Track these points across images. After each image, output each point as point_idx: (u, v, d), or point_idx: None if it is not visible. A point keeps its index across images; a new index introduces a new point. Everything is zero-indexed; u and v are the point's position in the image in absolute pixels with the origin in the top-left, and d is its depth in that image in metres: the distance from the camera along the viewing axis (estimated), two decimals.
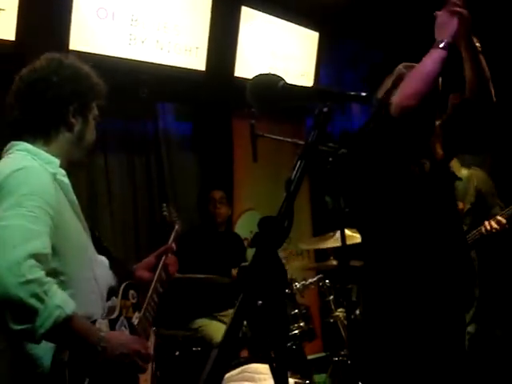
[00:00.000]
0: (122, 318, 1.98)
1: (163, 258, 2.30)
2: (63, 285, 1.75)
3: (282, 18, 5.02)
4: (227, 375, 2.88)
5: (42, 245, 1.65)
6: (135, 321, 2.04)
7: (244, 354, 3.61)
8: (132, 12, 3.97)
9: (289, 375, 2.70)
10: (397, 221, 2.40)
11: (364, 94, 1.25)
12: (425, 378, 2.34)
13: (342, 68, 5.80)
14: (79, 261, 1.86)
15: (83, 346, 1.72)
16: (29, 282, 1.56)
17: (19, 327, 1.57)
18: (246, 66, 4.71)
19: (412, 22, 4.90)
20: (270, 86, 1.30)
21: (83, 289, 1.85)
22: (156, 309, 2.18)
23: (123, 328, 1.97)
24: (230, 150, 4.99)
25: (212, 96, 4.70)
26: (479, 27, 2.30)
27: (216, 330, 4.01)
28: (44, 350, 1.73)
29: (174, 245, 2.43)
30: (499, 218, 3.42)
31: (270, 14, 4.92)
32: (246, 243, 4.75)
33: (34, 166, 1.79)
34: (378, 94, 2.44)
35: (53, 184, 1.80)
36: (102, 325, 1.87)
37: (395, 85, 2.44)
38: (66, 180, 1.89)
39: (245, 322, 1.00)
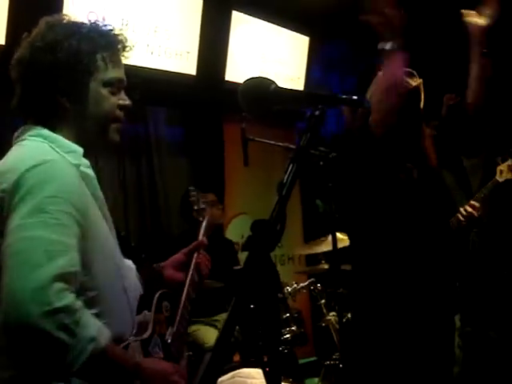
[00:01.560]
0: (155, 336, 1.70)
1: (195, 255, 1.94)
2: (91, 302, 1.46)
3: (272, 23, 5.03)
4: (218, 380, 2.86)
5: (70, 261, 1.38)
6: (169, 338, 1.75)
7: (235, 358, 3.59)
8: (122, 16, 3.97)
9: None
10: (384, 225, 2.41)
11: (356, 97, 1.25)
12: (415, 380, 2.34)
13: (333, 72, 5.82)
14: (108, 271, 1.55)
15: (118, 379, 1.44)
16: (56, 311, 1.29)
17: (47, 365, 1.33)
18: (237, 71, 4.72)
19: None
20: (261, 90, 1.29)
21: (113, 304, 1.55)
22: (189, 318, 1.87)
23: (157, 349, 1.69)
24: (220, 154, 4.99)
25: (203, 100, 4.70)
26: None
27: (207, 334, 3.99)
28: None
29: (205, 239, 2.06)
30: (472, 202, 3.42)
31: (261, 18, 4.92)
32: (237, 248, 4.73)
33: (56, 160, 1.47)
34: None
35: (78, 180, 1.50)
36: (135, 348, 1.59)
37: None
38: (90, 172, 1.59)
39: (236, 327, 0.99)
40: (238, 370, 2.92)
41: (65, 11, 3.61)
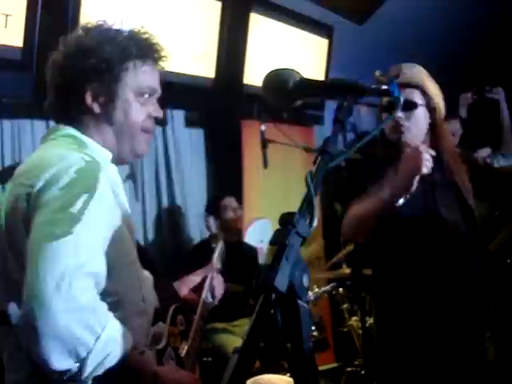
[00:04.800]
0: (169, 348, 1.69)
1: (209, 278, 1.99)
2: (111, 307, 1.41)
3: (291, 25, 4.98)
4: None
5: (100, 262, 1.36)
6: (182, 352, 1.76)
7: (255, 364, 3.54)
8: (140, 19, 3.94)
9: None
10: (406, 228, 2.35)
11: (386, 86, 1.20)
12: None
13: (352, 74, 5.77)
14: (129, 278, 1.53)
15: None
16: (82, 308, 1.27)
17: (63, 366, 1.27)
18: (255, 73, 4.67)
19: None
20: (287, 80, 1.25)
21: (132, 312, 1.52)
22: (202, 337, 1.94)
23: (170, 360, 1.69)
24: (239, 157, 4.95)
25: (222, 103, 4.67)
26: None
27: (227, 340, 3.94)
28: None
29: (218, 263, 2.12)
30: None
31: (279, 20, 4.88)
32: (260, 251, 4.66)
33: (90, 161, 1.46)
34: None
35: (108, 184, 1.48)
36: (150, 356, 1.57)
37: None
38: (117, 179, 1.59)
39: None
40: (258, 376, 2.87)
41: (82, 14, 3.59)
